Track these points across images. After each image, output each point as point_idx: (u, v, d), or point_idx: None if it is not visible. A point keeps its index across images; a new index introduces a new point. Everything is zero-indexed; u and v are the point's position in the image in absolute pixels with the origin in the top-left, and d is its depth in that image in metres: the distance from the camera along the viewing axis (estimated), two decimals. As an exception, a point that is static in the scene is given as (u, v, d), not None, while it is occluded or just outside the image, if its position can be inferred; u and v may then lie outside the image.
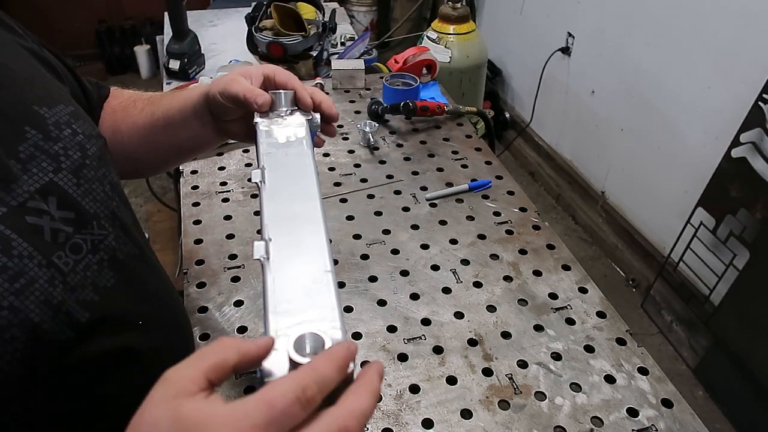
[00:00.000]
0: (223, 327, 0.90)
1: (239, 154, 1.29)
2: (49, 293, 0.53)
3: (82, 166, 0.60)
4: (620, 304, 2.12)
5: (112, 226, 0.63)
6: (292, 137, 0.67)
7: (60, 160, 0.58)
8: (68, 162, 0.59)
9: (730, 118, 1.82)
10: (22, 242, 0.52)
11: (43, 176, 0.56)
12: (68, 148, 0.59)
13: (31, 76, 0.63)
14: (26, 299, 0.51)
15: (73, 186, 0.58)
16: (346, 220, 1.12)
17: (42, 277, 0.53)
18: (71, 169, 0.59)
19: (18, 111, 0.57)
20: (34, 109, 0.58)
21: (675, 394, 0.82)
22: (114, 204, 0.64)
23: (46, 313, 0.53)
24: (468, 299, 0.96)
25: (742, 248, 1.81)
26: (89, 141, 0.62)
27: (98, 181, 0.62)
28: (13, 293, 0.50)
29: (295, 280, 0.49)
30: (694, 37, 1.96)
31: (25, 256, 0.52)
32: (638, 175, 2.38)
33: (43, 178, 0.56)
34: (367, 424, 0.77)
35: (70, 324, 0.55)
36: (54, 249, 0.55)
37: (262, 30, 1.64)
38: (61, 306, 0.55)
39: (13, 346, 0.50)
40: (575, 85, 2.66)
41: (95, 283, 0.59)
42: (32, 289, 0.52)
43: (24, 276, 0.52)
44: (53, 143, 0.58)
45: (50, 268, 0.54)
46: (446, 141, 1.36)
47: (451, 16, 2.42)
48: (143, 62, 3.79)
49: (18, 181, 0.54)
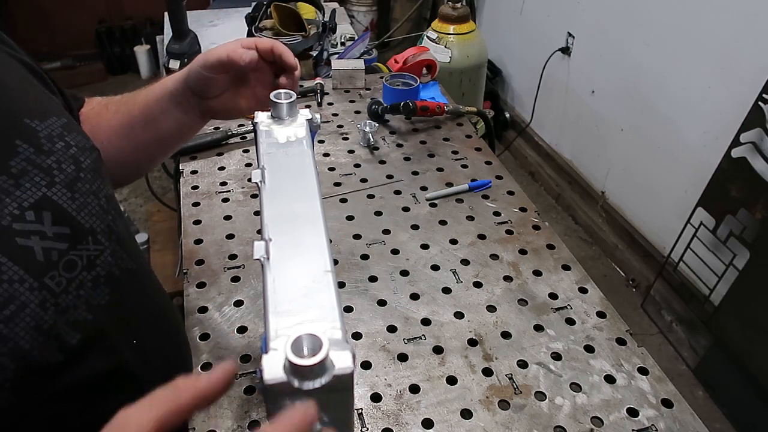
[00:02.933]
0: (223, 327, 0.90)
1: (239, 154, 1.29)
2: (40, 317, 0.52)
3: (76, 179, 0.58)
4: (620, 304, 2.12)
5: (108, 240, 0.61)
6: (292, 137, 0.67)
7: (53, 174, 0.56)
8: (62, 176, 0.57)
9: (730, 118, 1.82)
10: (12, 266, 0.51)
11: (36, 191, 0.54)
12: (61, 162, 0.57)
13: (23, 88, 0.61)
14: (16, 326, 0.50)
15: (67, 200, 0.57)
16: (346, 220, 1.12)
17: (33, 302, 0.52)
18: (65, 182, 0.57)
19: (8, 124, 0.55)
20: (26, 122, 0.56)
21: (675, 394, 0.82)
22: (110, 218, 0.62)
23: (37, 339, 0.51)
24: (468, 299, 0.96)
25: (742, 248, 1.81)
26: (83, 153, 0.61)
27: (93, 195, 0.60)
28: (2, 321, 0.49)
29: (295, 280, 0.49)
30: (694, 37, 1.96)
31: (16, 280, 0.51)
32: (638, 175, 2.38)
33: (36, 193, 0.54)
34: (367, 424, 0.77)
35: (60, 347, 0.54)
36: (46, 269, 0.54)
37: (262, 30, 1.64)
38: (52, 330, 0.53)
39: (3, 376, 0.49)
40: (575, 85, 2.66)
41: (89, 302, 0.58)
42: (23, 315, 0.51)
43: (14, 302, 0.50)
44: (46, 157, 0.56)
45: (41, 290, 0.53)
46: (446, 141, 1.36)
47: (451, 16, 2.42)
48: (143, 62, 3.79)
49: (6, 200, 0.52)
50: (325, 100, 1.49)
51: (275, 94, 0.69)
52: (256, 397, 0.80)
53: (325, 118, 1.42)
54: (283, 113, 0.68)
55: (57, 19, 3.67)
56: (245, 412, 0.78)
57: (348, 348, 0.44)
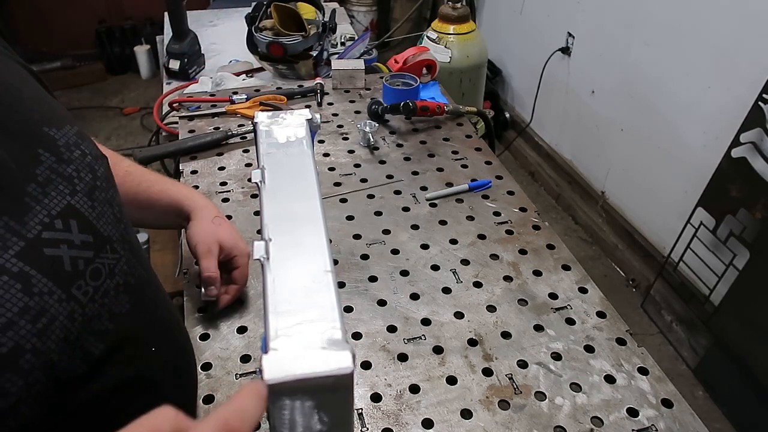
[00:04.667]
0: (223, 327, 0.90)
1: (239, 154, 1.29)
2: (68, 329, 0.52)
3: (94, 188, 0.58)
4: (620, 304, 2.12)
5: (123, 249, 0.61)
6: (292, 137, 0.67)
7: (74, 182, 0.56)
8: (82, 184, 0.57)
9: (730, 118, 1.82)
10: (42, 278, 0.50)
11: (61, 199, 0.54)
12: (80, 170, 0.57)
13: (36, 96, 0.61)
14: (47, 339, 0.49)
15: (88, 208, 0.57)
16: (346, 220, 1.12)
17: (62, 314, 0.51)
18: (85, 191, 0.57)
19: (30, 133, 0.55)
20: (45, 131, 0.56)
21: (675, 394, 0.82)
22: (122, 226, 0.63)
23: (65, 351, 0.51)
24: (468, 299, 0.96)
25: (742, 248, 1.81)
26: (97, 162, 0.61)
27: (108, 204, 0.60)
28: (35, 334, 0.48)
29: (295, 280, 0.49)
30: (694, 37, 1.96)
31: (45, 292, 0.50)
32: (638, 175, 2.38)
33: (62, 201, 0.54)
34: (367, 424, 0.77)
35: (84, 358, 0.54)
36: (74, 279, 0.53)
37: (262, 30, 1.64)
38: (77, 341, 0.53)
39: (36, 389, 0.49)
40: (575, 85, 2.66)
41: (111, 310, 0.57)
42: (53, 327, 0.50)
43: (45, 315, 0.49)
44: (66, 165, 0.56)
45: (70, 301, 0.52)
46: (446, 141, 1.36)
47: (451, 16, 2.42)
48: (143, 62, 3.79)
49: (32, 212, 0.51)
50: (325, 100, 1.49)
51: (206, 281, 0.87)
52: (256, 397, 0.80)
53: (325, 118, 1.42)
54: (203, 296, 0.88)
55: (57, 19, 3.67)
56: (245, 412, 0.78)
57: (348, 348, 0.44)
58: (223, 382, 0.82)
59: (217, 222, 0.91)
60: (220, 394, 0.80)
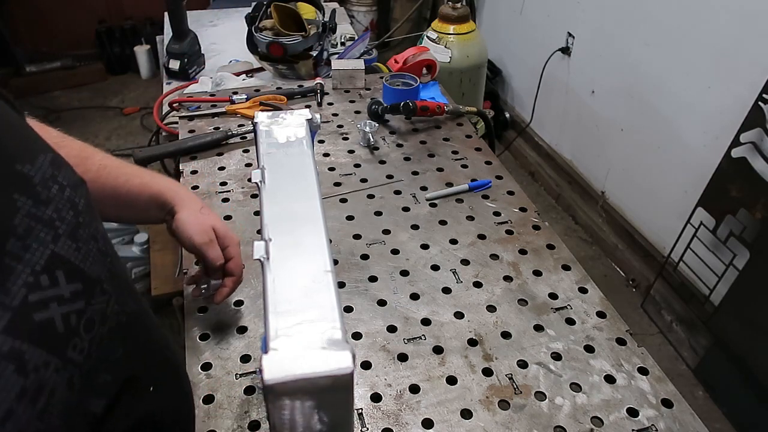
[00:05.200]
0: (223, 327, 0.90)
1: (239, 154, 1.29)
2: (68, 399, 0.47)
3: (77, 226, 0.52)
4: (620, 304, 2.12)
5: (111, 286, 0.56)
6: (292, 137, 0.67)
7: (56, 225, 0.50)
8: (64, 226, 0.50)
9: (730, 118, 1.82)
10: (36, 350, 0.45)
11: (44, 250, 0.48)
12: (60, 209, 0.51)
13: (6, 124, 0.53)
14: (50, 417, 0.45)
15: (74, 252, 0.51)
16: (346, 220, 1.12)
17: (61, 384, 0.46)
18: (68, 233, 0.51)
19: (2, 175, 0.47)
20: (18, 169, 0.49)
21: (675, 394, 0.82)
22: (109, 260, 0.57)
23: (67, 422, 0.47)
24: (468, 299, 0.96)
25: (742, 248, 1.81)
26: (76, 192, 0.54)
27: (93, 239, 0.54)
28: (36, 417, 0.44)
29: (295, 280, 0.49)
30: (694, 37, 1.96)
31: (41, 365, 0.45)
32: (638, 175, 2.38)
33: (45, 252, 0.48)
34: (367, 424, 0.77)
35: (86, 420, 0.50)
36: (68, 339, 0.48)
37: (262, 30, 1.64)
38: (79, 407, 0.49)
39: None
40: (575, 85, 2.66)
41: (107, 359, 0.53)
42: (54, 402, 0.45)
43: (44, 391, 0.45)
44: (45, 207, 0.49)
45: (67, 366, 0.47)
46: (446, 141, 1.36)
47: (451, 16, 2.42)
48: (143, 62, 3.79)
49: (14, 274, 0.45)
50: (325, 100, 1.49)
51: (203, 282, 0.88)
52: (256, 397, 0.80)
53: (325, 118, 1.42)
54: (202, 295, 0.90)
55: (57, 19, 3.67)
56: (245, 412, 0.78)
57: (348, 348, 0.44)
58: (223, 382, 0.82)
59: (206, 212, 0.89)
60: (220, 394, 0.80)
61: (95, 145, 0.86)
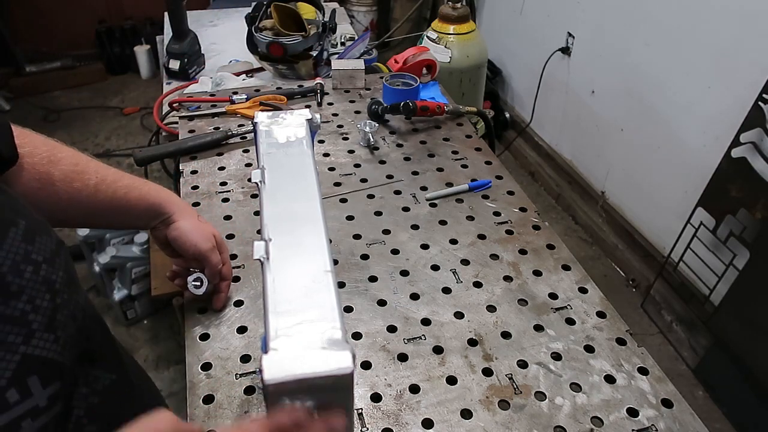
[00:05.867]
0: (223, 327, 0.90)
1: (239, 154, 1.29)
2: None
3: (54, 311, 0.45)
4: (620, 304, 2.12)
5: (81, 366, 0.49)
6: (292, 137, 0.67)
7: (29, 320, 0.43)
8: (39, 317, 0.43)
9: (730, 118, 1.82)
10: None
11: (13, 356, 0.41)
12: (35, 297, 0.44)
13: None
14: None
15: (51, 345, 0.44)
16: (346, 220, 1.12)
17: None
18: (44, 324, 0.44)
19: None
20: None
21: (675, 394, 0.82)
22: (84, 336, 0.50)
23: None
24: (468, 299, 0.96)
25: (742, 248, 1.81)
26: (52, 268, 0.47)
27: (72, 318, 0.48)
28: None
29: (295, 280, 0.49)
30: (694, 37, 1.96)
31: None
32: (638, 175, 2.38)
33: (13, 358, 0.41)
34: (367, 424, 0.77)
35: None
36: None
37: (262, 30, 1.64)
38: None
39: None
40: (575, 85, 2.66)
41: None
42: None
43: None
44: (16, 301, 0.42)
45: None
46: (446, 141, 1.36)
47: (451, 16, 2.42)
48: (143, 62, 3.79)
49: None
50: (325, 100, 1.49)
51: (194, 278, 0.89)
52: (256, 397, 0.80)
53: (325, 118, 1.42)
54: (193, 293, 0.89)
55: (57, 19, 3.67)
56: (245, 412, 0.78)
57: (348, 348, 0.44)
58: (223, 382, 0.82)
59: (203, 220, 0.92)
60: (220, 394, 0.80)
61: (95, 145, 0.87)
